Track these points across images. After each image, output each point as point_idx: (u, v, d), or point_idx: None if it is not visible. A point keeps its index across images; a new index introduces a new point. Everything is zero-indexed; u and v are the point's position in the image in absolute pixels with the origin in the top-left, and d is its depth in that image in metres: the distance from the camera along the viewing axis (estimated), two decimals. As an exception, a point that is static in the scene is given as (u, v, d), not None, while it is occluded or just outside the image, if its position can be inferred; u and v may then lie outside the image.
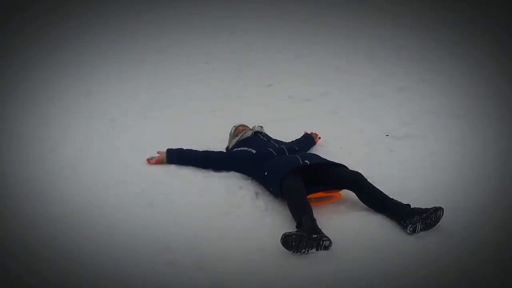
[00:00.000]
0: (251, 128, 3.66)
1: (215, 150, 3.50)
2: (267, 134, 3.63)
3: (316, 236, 2.45)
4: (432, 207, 2.69)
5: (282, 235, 2.41)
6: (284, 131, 4.02)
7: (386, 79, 5.03)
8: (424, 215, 2.64)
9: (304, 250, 2.42)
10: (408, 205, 2.75)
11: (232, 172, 3.34)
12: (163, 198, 2.96)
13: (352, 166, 3.25)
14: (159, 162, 3.41)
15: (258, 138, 3.49)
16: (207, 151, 3.47)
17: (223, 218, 2.77)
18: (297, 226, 2.55)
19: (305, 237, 2.42)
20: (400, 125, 4.21)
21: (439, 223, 2.70)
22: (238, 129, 3.63)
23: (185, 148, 3.48)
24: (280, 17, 6.64)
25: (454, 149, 3.78)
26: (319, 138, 3.98)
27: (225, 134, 3.78)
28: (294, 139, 3.84)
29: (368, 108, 4.57)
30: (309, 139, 3.89)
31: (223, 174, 3.33)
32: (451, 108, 4.43)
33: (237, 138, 3.53)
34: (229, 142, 3.66)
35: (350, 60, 5.54)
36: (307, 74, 5.34)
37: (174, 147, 3.50)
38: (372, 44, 5.86)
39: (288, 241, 2.40)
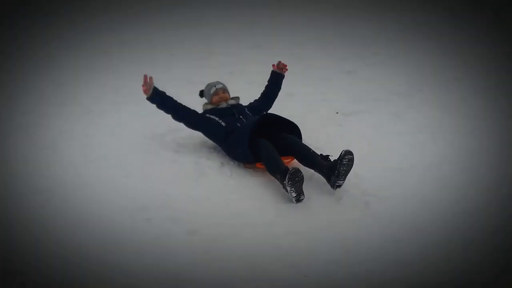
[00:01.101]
0: (229, 95, 3.97)
1: (192, 109, 3.79)
2: (241, 105, 3.93)
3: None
4: (341, 151, 3.15)
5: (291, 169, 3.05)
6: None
7: (336, 64, 5.56)
8: (336, 171, 3.13)
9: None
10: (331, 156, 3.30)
11: (201, 144, 3.78)
12: (138, 170, 3.36)
13: (305, 139, 3.74)
14: (146, 90, 3.58)
15: (230, 112, 3.79)
16: (186, 106, 3.76)
17: (193, 183, 3.19)
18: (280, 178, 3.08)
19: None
20: (348, 103, 4.75)
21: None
22: (217, 96, 3.89)
23: (167, 94, 3.73)
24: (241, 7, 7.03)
25: (394, 121, 4.33)
26: (286, 69, 4.14)
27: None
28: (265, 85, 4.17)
29: (320, 90, 5.07)
30: (275, 79, 4.15)
31: (192, 148, 3.76)
32: (393, 87, 4.99)
33: (211, 107, 3.87)
34: (207, 101, 3.96)
35: (304, 48, 6.04)
36: (265, 62, 5.78)
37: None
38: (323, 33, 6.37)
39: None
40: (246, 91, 4.98)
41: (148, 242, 2.61)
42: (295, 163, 3.41)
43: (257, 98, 4.13)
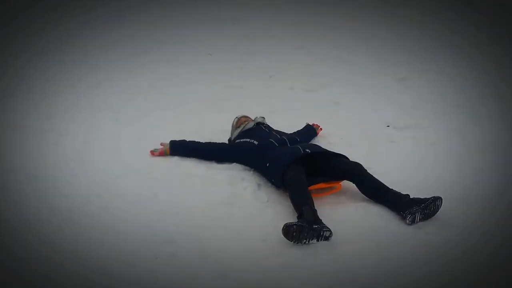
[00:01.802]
0: (253, 119, 3.70)
1: (217, 142, 3.54)
2: (269, 125, 3.66)
3: (316, 226, 2.50)
4: (431, 197, 2.73)
5: (284, 226, 2.46)
6: (286, 122, 4.07)
7: (387, 70, 5.05)
8: (423, 205, 2.68)
9: (305, 241, 2.47)
10: (407, 195, 2.79)
11: (235, 163, 3.39)
12: (165, 190, 3.00)
13: (353, 157, 3.30)
14: (162, 153, 3.45)
15: (260, 129, 3.53)
16: (209, 142, 3.52)
17: (226, 209, 2.81)
18: (298, 217, 2.60)
19: (306, 228, 2.46)
20: (400, 116, 4.26)
21: (437, 213, 2.75)
22: (240, 120, 3.67)
23: (188, 140, 3.52)
24: (280, 7, 6.62)
25: (454, 140, 3.83)
26: (321, 129, 4.02)
27: (228, 126, 3.83)
28: (295, 131, 3.90)
29: (369, 99, 4.60)
30: (310, 130, 3.92)
31: (226, 165, 3.38)
32: (451, 98, 4.46)
33: (239, 129, 3.57)
34: (231, 134, 3.69)
35: (351, 50, 5.57)
36: (308, 64, 5.36)
37: (177, 139, 3.55)
38: (373, 34, 5.87)
39: (289, 232, 2.44)
40: (288, 99, 4.65)
41: (171, 282, 2.27)
42: (349, 190, 3.01)
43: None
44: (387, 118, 4.27)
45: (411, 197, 2.77)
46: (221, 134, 3.79)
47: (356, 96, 4.62)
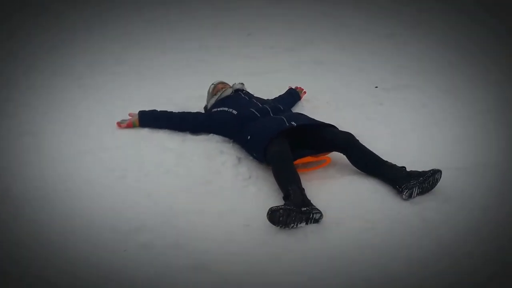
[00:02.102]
0: (231, 85, 3.36)
1: (192, 111, 3.20)
2: (248, 92, 3.33)
3: (305, 209, 2.22)
4: (430, 170, 2.47)
5: (268, 210, 2.17)
6: (266, 86, 3.76)
7: (374, 26, 4.71)
8: (421, 178, 2.43)
9: (292, 225, 2.20)
10: (404, 167, 2.54)
11: (212, 135, 3.07)
12: (135, 168, 2.68)
13: (340, 123, 3.03)
14: (130, 125, 3.10)
15: (239, 96, 3.19)
16: (183, 112, 3.18)
17: (203, 189, 2.51)
18: (284, 198, 2.33)
19: (293, 211, 2.19)
20: (389, 76, 3.97)
21: (436, 186, 2.51)
22: (217, 87, 3.32)
23: (159, 110, 3.18)
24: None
25: (447, 101, 3.57)
26: (305, 92, 3.72)
27: (204, 91, 3.48)
28: (277, 96, 3.59)
29: (355, 58, 4.29)
30: (293, 95, 3.62)
31: (202, 137, 3.05)
32: (443, 56, 4.18)
33: (216, 97, 3.24)
34: (207, 101, 3.36)
35: (335, 5, 5.19)
36: (289, 21, 4.98)
37: (147, 108, 3.20)
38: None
39: (275, 217, 2.16)
40: (268, 59, 4.31)
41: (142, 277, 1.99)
42: (338, 162, 2.72)
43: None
44: (375, 79, 3.99)
45: (407, 169, 2.52)
46: (196, 100, 3.46)
47: (341, 55, 4.29)
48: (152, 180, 2.59)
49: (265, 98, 3.44)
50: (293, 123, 2.71)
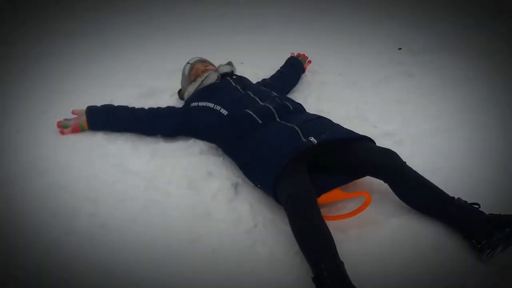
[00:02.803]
0: (215, 67, 2.44)
1: (161, 107, 2.30)
2: (240, 77, 2.40)
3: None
4: None
5: None
6: (260, 57, 2.85)
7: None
8: (507, 230, 1.66)
9: None
10: (478, 206, 1.75)
11: (194, 140, 2.21)
12: (88, 208, 1.82)
13: (362, 109, 2.25)
14: (76, 130, 2.19)
15: (228, 85, 2.27)
16: (150, 108, 2.27)
17: (186, 252, 1.66)
18: (314, 279, 1.52)
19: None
20: (416, 34, 3.09)
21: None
22: (195, 69, 2.40)
23: (116, 105, 2.28)
24: None
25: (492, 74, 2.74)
26: (309, 62, 2.83)
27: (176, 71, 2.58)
28: (276, 72, 2.69)
29: (370, 11, 3.35)
30: (296, 67, 2.73)
31: (179, 144, 2.18)
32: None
33: (195, 85, 2.33)
34: (183, 89, 2.46)
35: None
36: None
37: (99, 104, 2.28)
38: None
39: None
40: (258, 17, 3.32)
41: None
42: (374, 190, 1.90)
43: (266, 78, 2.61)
44: (397, 37, 3.11)
45: (486, 214, 1.73)
46: (165, 81, 2.57)
47: (352, 8, 3.34)
48: (107, 237, 1.74)
49: (261, 78, 2.57)
50: (311, 138, 1.86)
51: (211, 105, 2.16)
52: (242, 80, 2.34)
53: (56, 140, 2.17)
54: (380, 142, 2.03)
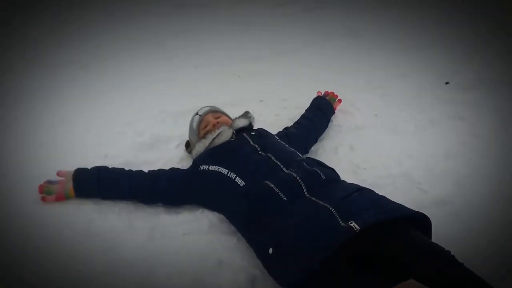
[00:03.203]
0: (230, 120, 2.04)
1: (164, 169, 1.90)
2: (259, 131, 1.97)
3: None
4: None
5: None
6: (282, 93, 2.44)
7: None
8: None
9: None
10: None
11: (201, 210, 1.82)
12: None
13: (399, 158, 1.91)
14: (61, 198, 1.81)
15: (244, 144, 1.86)
16: (151, 171, 1.88)
17: None
18: None
19: None
20: (467, 66, 2.63)
21: None
22: (205, 122, 2.00)
23: (110, 167, 1.89)
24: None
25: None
26: (340, 101, 2.41)
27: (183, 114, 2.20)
28: (300, 117, 2.27)
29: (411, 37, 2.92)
30: (324, 109, 2.31)
31: (183, 217, 1.78)
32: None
33: (206, 143, 1.93)
34: (191, 142, 2.07)
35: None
36: None
37: (88, 165, 1.89)
38: None
39: None
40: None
41: None
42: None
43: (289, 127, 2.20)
44: (444, 69, 2.66)
45: None
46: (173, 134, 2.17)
47: (390, 34, 2.92)
48: None
49: (283, 127, 2.16)
50: (352, 223, 1.44)
51: (224, 171, 1.75)
52: (261, 136, 1.92)
53: (35, 210, 1.80)
54: (431, 213, 1.62)
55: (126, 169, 1.91)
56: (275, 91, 2.59)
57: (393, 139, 2.25)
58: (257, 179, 1.66)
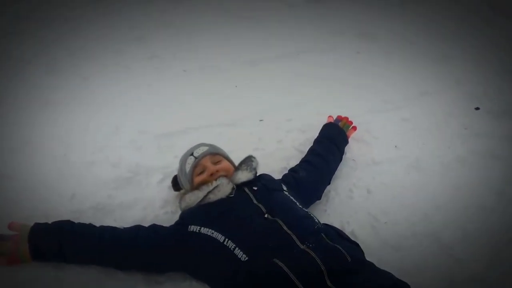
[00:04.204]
0: (231, 163, 1.67)
1: (142, 226, 1.53)
2: (263, 184, 1.58)
3: None
4: None
5: None
6: (286, 111, 2.08)
7: None
8: None
9: None
10: None
11: (189, 282, 1.47)
12: None
13: (425, 210, 1.66)
14: (15, 260, 1.42)
15: (245, 203, 1.49)
16: (127, 228, 1.52)
17: None
18: None
19: None
20: (500, 89, 2.26)
21: None
22: (201, 167, 1.61)
23: (76, 222, 1.51)
24: None
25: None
26: (354, 128, 2.04)
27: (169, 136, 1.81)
28: (311, 147, 1.91)
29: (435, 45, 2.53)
30: (336, 140, 1.93)
31: (167, 287, 1.46)
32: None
33: (199, 196, 1.54)
34: (181, 184, 1.70)
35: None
36: None
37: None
38: None
39: None
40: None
41: None
42: None
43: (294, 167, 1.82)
44: (474, 89, 2.30)
45: None
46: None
47: (409, 50, 2.53)
48: None
49: (287, 169, 1.79)
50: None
51: (220, 237, 1.39)
52: (267, 191, 1.54)
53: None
54: None
55: (96, 221, 1.54)
56: (277, 108, 2.20)
57: (416, 181, 1.91)
58: (263, 254, 1.32)
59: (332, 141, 1.92)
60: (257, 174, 1.63)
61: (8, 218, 1.51)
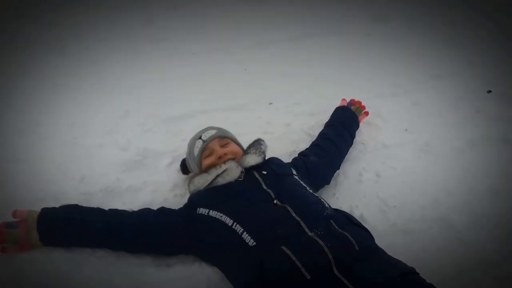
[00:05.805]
0: (239, 147, 1.67)
1: (151, 209, 1.53)
2: (273, 170, 1.58)
3: None
4: None
5: None
6: (296, 95, 2.05)
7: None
8: None
9: None
10: None
11: (199, 263, 1.48)
12: None
13: (436, 195, 1.62)
14: (26, 247, 1.43)
15: (254, 188, 1.49)
16: (136, 212, 1.52)
17: None
18: None
19: None
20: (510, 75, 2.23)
21: None
22: (209, 151, 1.61)
23: (84, 206, 1.52)
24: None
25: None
26: (366, 113, 2.03)
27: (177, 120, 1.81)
28: (322, 129, 1.90)
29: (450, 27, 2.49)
30: (348, 125, 1.92)
31: (178, 269, 1.47)
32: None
33: (207, 179, 1.54)
34: (189, 167, 1.71)
35: None
36: None
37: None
38: None
39: None
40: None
41: None
42: None
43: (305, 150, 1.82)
44: (487, 73, 2.27)
45: None
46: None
47: (423, 35, 2.49)
48: None
49: (297, 153, 1.79)
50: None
51: (228, 221, 1.40)
52: (276, 177, 1.54)
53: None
54: (474, 278, 1.33)
55: (105, 204, 1.56)
56: (286, 91, 2.18)
57: (426, 165, 1.90)
58: (271, 241, 1.32)
59: (344, 125, 1.91)
60: (266, 158, 1.64)
61: (18, 201, 1.54)
